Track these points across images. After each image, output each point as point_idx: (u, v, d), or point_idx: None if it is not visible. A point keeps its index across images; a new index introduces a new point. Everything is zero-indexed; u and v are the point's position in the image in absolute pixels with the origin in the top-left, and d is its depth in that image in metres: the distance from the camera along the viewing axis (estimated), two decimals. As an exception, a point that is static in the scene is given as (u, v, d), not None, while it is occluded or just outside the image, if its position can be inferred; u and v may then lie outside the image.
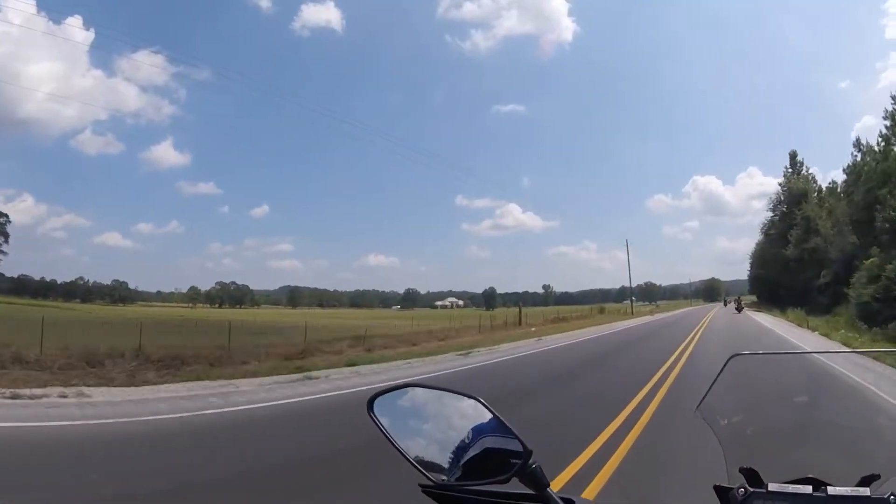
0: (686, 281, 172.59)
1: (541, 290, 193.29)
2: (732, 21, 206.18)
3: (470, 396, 1.17)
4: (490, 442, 1.10)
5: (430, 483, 1.09)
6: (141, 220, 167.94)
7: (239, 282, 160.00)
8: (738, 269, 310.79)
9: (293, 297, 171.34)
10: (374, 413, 1.21)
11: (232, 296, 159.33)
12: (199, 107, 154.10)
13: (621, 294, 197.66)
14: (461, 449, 1.12)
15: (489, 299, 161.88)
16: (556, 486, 1.15)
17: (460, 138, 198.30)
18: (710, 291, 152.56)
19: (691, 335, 22.99)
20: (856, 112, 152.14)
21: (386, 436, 1.18)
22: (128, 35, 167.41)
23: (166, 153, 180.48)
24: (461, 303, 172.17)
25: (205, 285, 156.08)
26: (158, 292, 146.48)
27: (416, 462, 1.13)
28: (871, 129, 71.23)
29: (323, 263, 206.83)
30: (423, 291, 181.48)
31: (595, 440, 5.78)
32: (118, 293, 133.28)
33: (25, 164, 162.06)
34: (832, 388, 5.37)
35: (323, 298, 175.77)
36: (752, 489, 1.04)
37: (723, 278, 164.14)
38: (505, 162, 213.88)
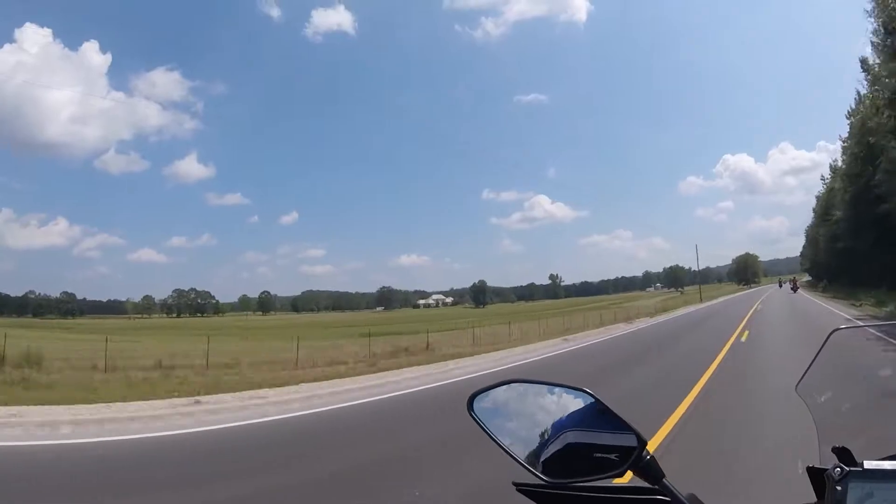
0: (721, 264, 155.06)
1: (566, 283, 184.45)
2: None
3: (577, 389, 1.11)
4: (572, 437, 1.05)
5: (536, 482, 1.04)
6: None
7: (200, 288, 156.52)
8: (775, 249, 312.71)
9: (264, 303, 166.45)
10: (473, 411, 1.18)
11: (191, 304, 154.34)
12: (221, 119, 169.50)
13: (645, 281, 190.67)
14: (542, 446, 1.07)
15: (478, 295, 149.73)
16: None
17: (484, 132, 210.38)
18: (742, 271, 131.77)
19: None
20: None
21: (488, 433, 1.13)
22: (143, 55, 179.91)
23: (191, 167, 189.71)
24: (448, 300, 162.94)
25: (162, 294, 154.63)
26: (109, 301, 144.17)
27: (519, 460, 1.08)
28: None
29: (352, 265, 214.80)
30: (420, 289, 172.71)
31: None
32: (66, 306, 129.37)
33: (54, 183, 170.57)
34: None
35: (299, 302, 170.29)
36: (848, 468, 0.97)
37: (763, 258, 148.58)
38: (530, 153, 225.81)
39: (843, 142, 44.40)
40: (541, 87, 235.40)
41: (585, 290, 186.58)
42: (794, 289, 59.44)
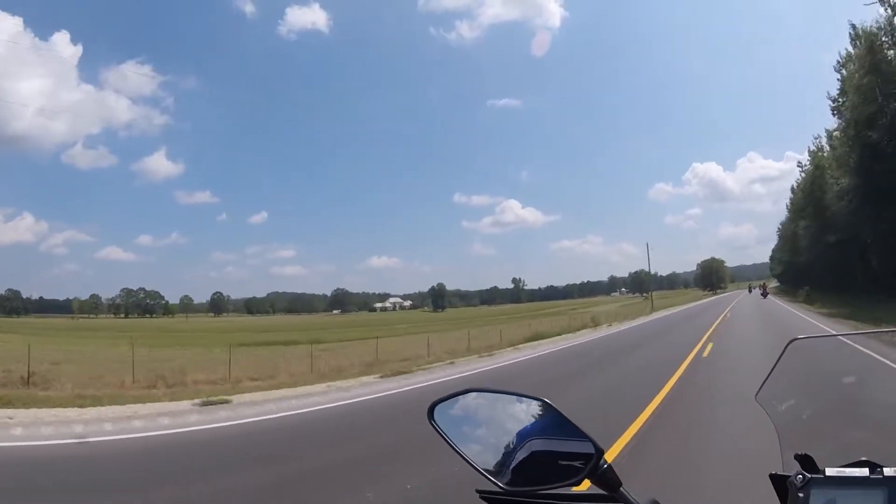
0: (689, 269, 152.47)
1: (533, 286, 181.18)
2: (729, 4, 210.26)
3: (535, 398, 1.13)
4: (537, 445, 1.07)
5: (497, 489, 1.05)
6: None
7: (153, 289, 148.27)
8: (743, 255, 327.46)
9: (217, 304, 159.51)
10: (434, 420, 1.18)
11: (140, 305, 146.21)
12: (193, 115, 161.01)
13: (611, 285, 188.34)
14: (507, 454, 1.08)
15: (437, 298, 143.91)
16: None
17: (456, 135, 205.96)
18: (708, 276, 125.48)
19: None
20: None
21: (448, 442, 1.14)
22: (116, 48, 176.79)
23: (160, 163, 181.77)
24: (407, 303, 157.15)
25: (111, 293, 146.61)
26: (41, 298, 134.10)
27: (479, 468, 1.09)
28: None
29: (323, 268, 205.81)
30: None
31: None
32: (9, 304, 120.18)
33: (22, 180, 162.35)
34: (879, 367, 4.26)
35: (252, 305, 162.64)
36: (810, 475, 1.01)
37: (730, 264, 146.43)
38: (502, 157, 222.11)
39: (834, 101, 36.15)
40: (514, 92, 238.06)
41: (551, 294, 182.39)
42: (764, 294, 60.84)
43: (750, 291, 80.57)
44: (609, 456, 1.34)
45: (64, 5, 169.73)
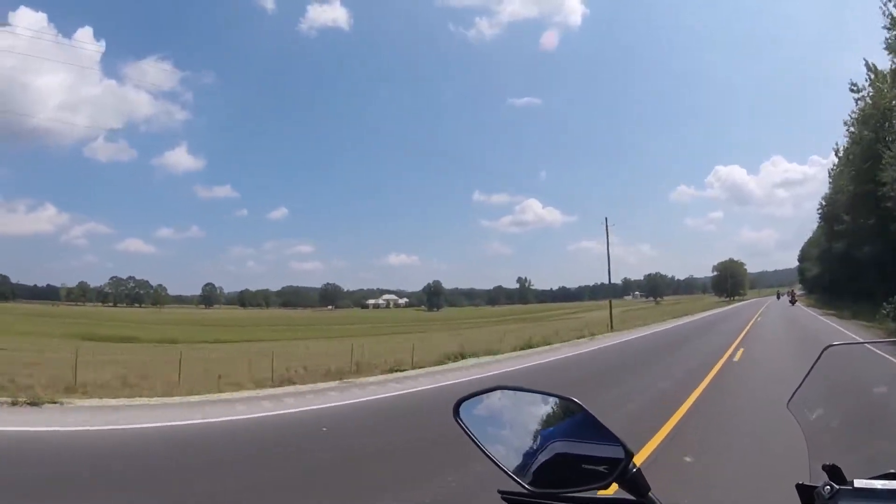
0: (707, 274, 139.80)
1: (545, 287, 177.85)
2: (748, 4, 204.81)
3: (564, 398, 1.11)
4: (560, 447, 1.05)
5: (520, 490, 1.03)
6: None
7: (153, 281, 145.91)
8: (764, 261, 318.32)
9: (208, 296, 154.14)
10: (460, 418, 1.16)
11: (129, 294, 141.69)
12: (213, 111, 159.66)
13: (625, 288, 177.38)
14: (529, 454, 1.07)
15: (432, 297, 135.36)
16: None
17: (476, 133, 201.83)
18: (724, 281, 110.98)
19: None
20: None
21: (473, 440, 1.12)
22: (137, 44, 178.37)
23: (180, 157, 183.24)
24: (402, 301, 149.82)
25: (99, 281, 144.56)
26: (35, 286, 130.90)
27: (504, 468, 1.07)
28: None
29: (340, 264, 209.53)
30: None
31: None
32: None
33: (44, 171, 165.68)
34: None
35: (245, 298, 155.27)
36: (838, 486, 0.99)
37: (751, 270, 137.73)
38: (523, 156, 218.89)
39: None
40: (535, 90, 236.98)
41: (562, 295, 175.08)
42: (793, 301, 57.36)
43: (778, 298, 77.07)
44: None
45: (87, 2, 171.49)
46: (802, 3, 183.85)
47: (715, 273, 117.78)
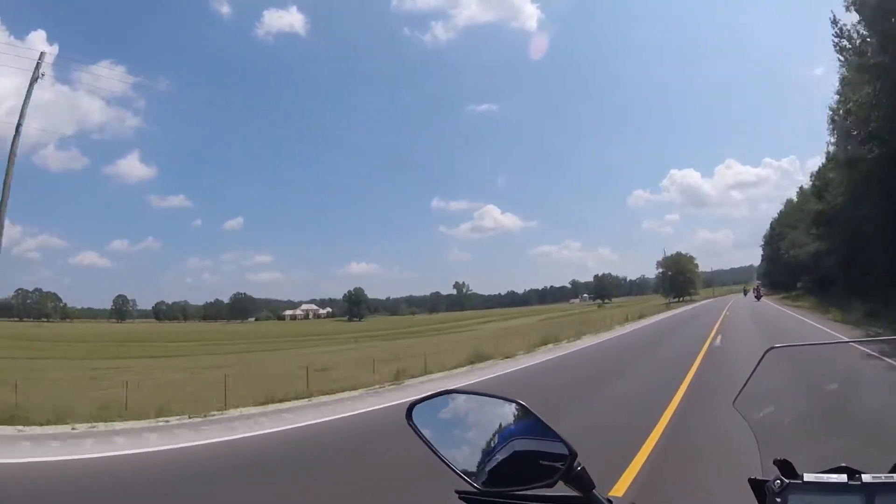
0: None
1: (494, 293, 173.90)
2: (705, 11, 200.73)
3: (511, 401, 1.16)
4: (518, 445, 1.10)
5: (472, 489, 1.08)
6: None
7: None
8: (720, 261, 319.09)
9: (120, 309, 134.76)
10: (413, 421, 1.20)
11: (31, 308, 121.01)
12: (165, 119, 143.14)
13: (574, 290, 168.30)
14: (488, 454, 1.11)
15: (354, 306, 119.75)
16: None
17: (435, 141, 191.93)
18: (671, 280, 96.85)
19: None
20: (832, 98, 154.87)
21: (426, 443, 1.16)
22: (91, 48, 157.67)
23: (132, 166, 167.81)
24: (323, 311, 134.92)
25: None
26: None
27: (455, 469, 1.11)
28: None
29: (300, 274, 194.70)
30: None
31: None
32: None
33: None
34: (861, 374, 2.63)
35: (160, 310, 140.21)
36: (788, 480, 1.04)
37: (707, 269, 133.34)
38: (481, 163, 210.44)
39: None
40: (492, 96, 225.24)
41: (510, 300, 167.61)
42: (758, 297, 59.18)
43: (745, 294, 78.35)
44: None
45: (40, 3, 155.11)
46: (755, 12, 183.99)
47: (660, 270, 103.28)
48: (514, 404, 1.14)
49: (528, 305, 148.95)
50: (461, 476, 1.07)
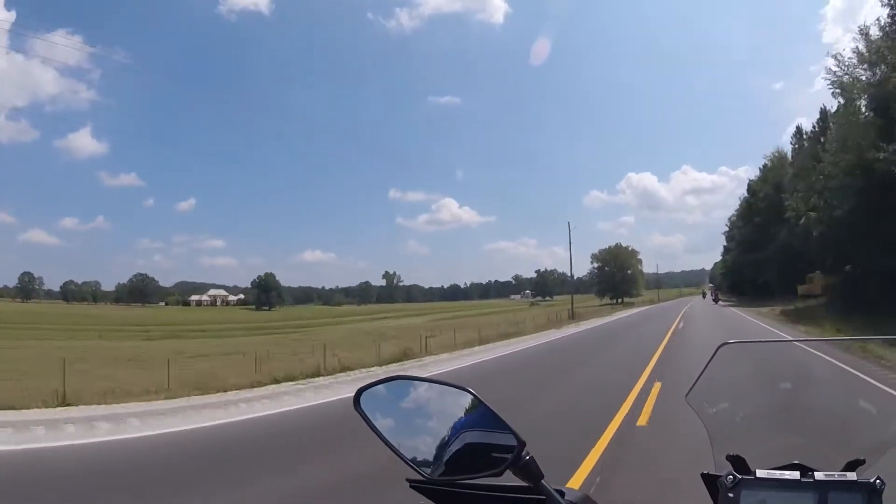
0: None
1: (436, 285, 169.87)
2: (668, 20, 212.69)
3: (461, 388, 1.12)
4: (471, 437, 1.07)
5: (420, 478, 1.06)
6: None
7: None
8: (673, 263, 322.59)
9: (25, 288, 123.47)
10: (360, 407, 1.15)
11: None
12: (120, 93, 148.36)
13: (518, 286, 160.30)
14: (442, 445, 1.08)
15: (263, 293, 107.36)
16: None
17: (395, 130, 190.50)
18: (608, 277, 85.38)
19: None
20: (790, 113, 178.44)
21: (374, 430, 1.12)
22: (48, 15, 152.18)
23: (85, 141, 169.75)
24: (232, 298, 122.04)
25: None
26: None
27: (404, 457, 1.09)
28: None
29: (255, 261, 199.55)
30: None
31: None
32: None
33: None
34: (815, 373, 3.68)
35: (69, 291, 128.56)
36: (740, 476, 1.05)
37: (659, 272, 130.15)
38: (441, 155, 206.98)
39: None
40: (454, 89, 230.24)
41: (452, 294, 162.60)
42: (716, 300, 60.15)
43: (703, 297, 77.17)
44: None
45: None
46: (717, 26, 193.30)
47: (594, 265, 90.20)
48: (464, 392, 1.09)
49: (468, 300, 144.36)
50: (410, 465, 1.04)
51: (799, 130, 46.63)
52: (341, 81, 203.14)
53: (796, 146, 46.22)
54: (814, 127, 41.47)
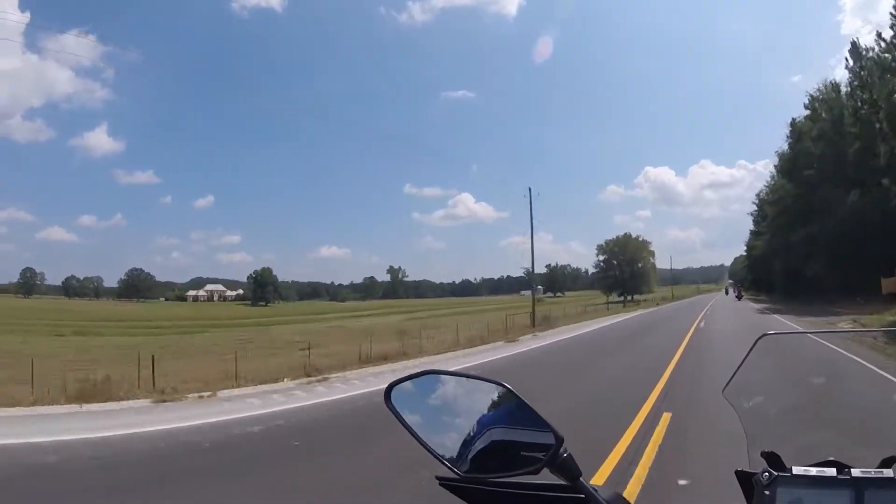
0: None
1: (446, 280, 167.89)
2: (686, 12, 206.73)
3: (496, 383, 1.09)
4: (497, 434, 1.04)
5: (453, 475, 1.03)
6: None
7: None
8: (690, 259, 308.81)
9: (27, 283, 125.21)
10: (391, 402, 1.13)
11: None
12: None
13: (530, 282, 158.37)
14: (466, 442, 1.05)
15: (259, 288, 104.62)
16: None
17: (410, 125, 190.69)
18: (612, 272, 76.30)
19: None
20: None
21: (404, 425, 1.10)
22: (62, 16, 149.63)
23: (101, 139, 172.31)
24: (230, 293, 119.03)
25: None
26: None
27: (436, 453, 1.06)
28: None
29: (269, 256, 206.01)
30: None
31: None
32: None
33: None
34: (848, 368, 4.51)
35: (70, 287, 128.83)
36: (776, 473, 1.03)
37: (675, 267, 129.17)
38: (456, 150, 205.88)
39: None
40: (469, 83, 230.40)
41: (461, 289, 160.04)
42: (739, 297, 57.32)
43: (726, 293, 74.81)
44: None
45: None
46: (735, 18, 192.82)
47: (602, 258, 78.98)
48: (499, 387, 1.06)
49: (478, 296, 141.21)
50: (443, 462, 1.01)
51: (855, 47, 33.25)
52: (355, 77, 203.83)
53: (857, 67, 32.11)
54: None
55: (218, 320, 58.77)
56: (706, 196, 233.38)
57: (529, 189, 28.35)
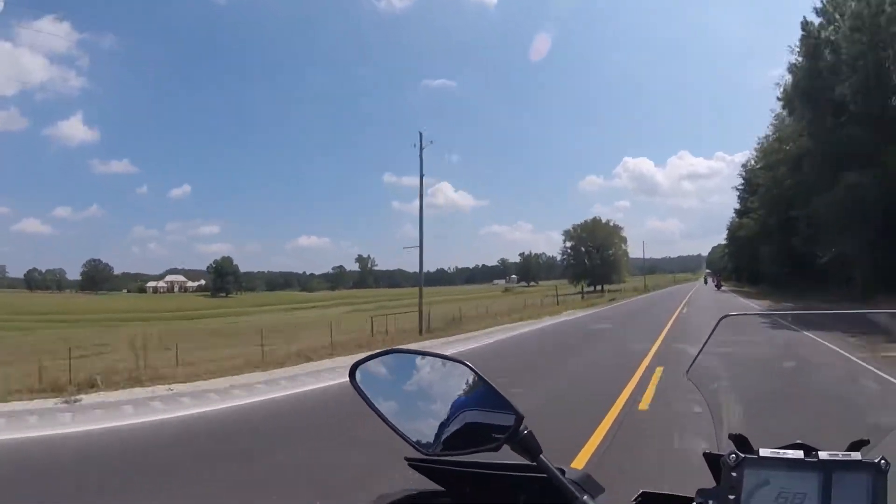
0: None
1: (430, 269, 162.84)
2: (666, 6, 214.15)
3: (458, 362, 1.10)
4: (470, 416, 1.05)
5: (418, 455, 1.06)
6: None
7: None
8: (669, 248, 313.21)
9: None
10: (356, 381, 1.13)
11: None
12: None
13: (504, 271, 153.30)
14: (441, 425, 1.05)
15: (219, 279, 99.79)
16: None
17: (389, 113, 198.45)
18: (580, 259, 71.71)
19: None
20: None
21: (370, 405, 1.10)
22: (36, 3, 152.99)
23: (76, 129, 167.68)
24: (191, 284, 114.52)
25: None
26: None
27: (402, 433, 1.07)
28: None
29: (251, 247, 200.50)
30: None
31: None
32: None
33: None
34: (818, 353, 4.56)
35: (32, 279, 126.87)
36: (743, 455, 1.03)
37: (654, 256, 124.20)
38: (436, 139, 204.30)
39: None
40: (449, 72, 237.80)
41: (437, 279, 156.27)
42: (718, 286, 57.59)
43: (706, 283, 74.23)
44: None
45: None
46: (713, 12, 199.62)
47: (569, 244, 74.22)
48: (462, 367, 1.06)
49: (453, 285, 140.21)
50: (409, 441, 1.03)
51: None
52: (335, 65, 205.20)
53: None
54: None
55: (155, 312, 54.74)
56: (685, 187, 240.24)
57: (420, 134, 23.73)
